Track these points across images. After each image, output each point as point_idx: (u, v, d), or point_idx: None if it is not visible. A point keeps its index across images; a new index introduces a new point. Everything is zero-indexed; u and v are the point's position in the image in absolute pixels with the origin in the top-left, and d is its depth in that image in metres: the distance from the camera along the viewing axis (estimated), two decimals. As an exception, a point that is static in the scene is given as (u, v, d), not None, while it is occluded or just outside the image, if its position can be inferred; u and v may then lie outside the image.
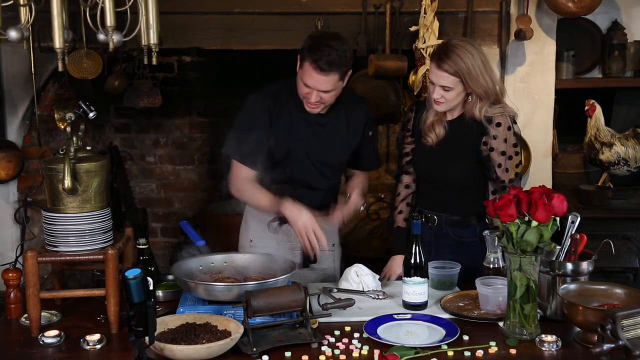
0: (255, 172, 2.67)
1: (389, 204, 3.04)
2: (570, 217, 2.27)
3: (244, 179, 2.68)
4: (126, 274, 1.78)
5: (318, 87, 2.52)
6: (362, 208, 2.75)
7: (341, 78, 2.54)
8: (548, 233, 2.05)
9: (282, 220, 2.67)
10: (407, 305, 2.33)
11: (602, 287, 2.17)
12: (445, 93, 2.53)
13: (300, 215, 2.55)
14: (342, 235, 4.79)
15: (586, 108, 3.65)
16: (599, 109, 3.64)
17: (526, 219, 2.05)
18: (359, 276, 2.53)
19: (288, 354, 2.00)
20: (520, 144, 2.67)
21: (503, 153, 2.58)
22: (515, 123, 2.62)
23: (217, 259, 2.51)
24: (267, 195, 2.64)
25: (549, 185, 3.59)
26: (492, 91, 2.55)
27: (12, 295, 2.33)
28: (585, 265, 2.23)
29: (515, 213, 2.04)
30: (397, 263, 2.72)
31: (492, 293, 2.27)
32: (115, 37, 2.13)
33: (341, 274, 2.61)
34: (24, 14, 2.15)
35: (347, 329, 2.18)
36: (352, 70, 3.79)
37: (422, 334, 2.13)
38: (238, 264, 2.50)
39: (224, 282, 2.33)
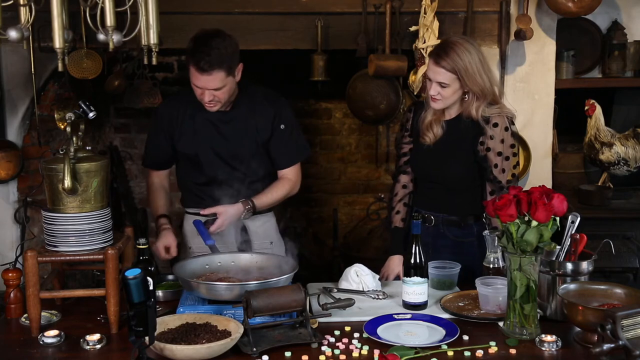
0: (161, 178, 2.94)
1: (387, 204, 3.04)
2: (570, 217, 2.27)
3: (150, 185, 2.95)
4: (126, 274, 1.78)
5: (207, 86, 2.58)
6: (242, 216, 2.71)
7: (228, 74, 2.58)
8: (548, 233, 2.05)
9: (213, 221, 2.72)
10: (407, 305, 2.33)
11: (602, 287, 2.17)
12: (441, 90, 2.54)
13: (160, 236, 2.77)
14: (342, 235, 4.84)
15: (586, 108, 3.65)
16: (599, 109, 3.63)
17: (526, 219, 2.05)
18: (359, 276, 2.53)
19: (288, 354, 2.00)
20: (518, 145, 2.67)
21: (499, 154, 2.58)
22: (513, 124, 2.62)
23: (225, 259, 2.52)
24: (156, 205, 2.90)
25: (549, 185, 3.59)
26: (488, 90, 2.55)
27: (12, 295, 2.33)
28: (585, 265, 2.23)
29: (515, 213, 2.04)
30: (394, 263, 2.72)
31: (492, 293, 2.27)
32: (115, 37, 2.13)
33: (341, 274, 2.61)
34: (24, 14, 2.15)
35: (347, 329, 2.18)
36: (352, 70, 3.86)
37: (422, 334, 2.13)
38: (245, 264, 2.50)
39: (225, 282, 2.33)
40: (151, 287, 1.80)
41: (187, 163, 2.83)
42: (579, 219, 2.27)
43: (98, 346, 2.07)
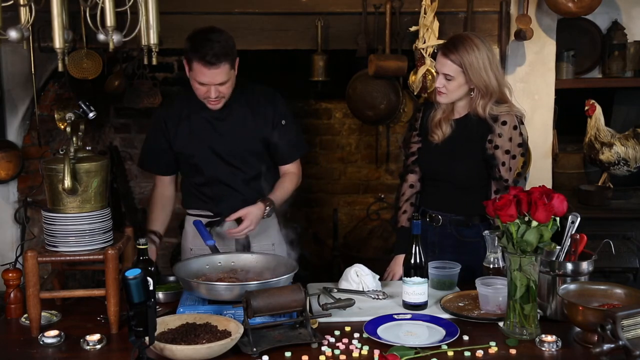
0: (164, 187, 2.89)
1: (392, 204, 3.04)
2: (570, 217, 2.27)
3: (151, 195, 2.94)
4: (126, 274, 1.78)
5: (213, 81, 2.57)
6: (265, 214, 2.69)
7: (232, 66, 2.60)
8: (548, 233, 2.05)
9: (217, 222, 2.78)
10: (407, 305, 2.33)
11: (602, 287, 2.17)
12: (447, 83, 2.56)
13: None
14: (342, 235, 4.84)
15: (586, 108, 3.65)
16: (599, 109, 3.64)
17: (526, 219, 2.05)
18: (359, 276, 2.53)
19: (288, 354, 2.00)
20: (526, 146, 2.68)
21: (507, 152, 2.59)
22: (522, 124, 2.63)
23: (224, 259, 2.52)
24: (149, 219, 2.90)
25: (549, 185, 3.59)
26: (494, 89, 2.56)
27: (12, 295, 2.33)
28: (585, 265, 2.23)
29: (515, 213, 2.04)
30: (400, 263, 2.72)
31: (492, 293, 2.27)
32: (115, 37, 2.13)
33: (341, 274, 2.61)
34: (24, 14, 2.15)
35: (347, 329, 2.19)
36: (352, 70, 3.86)
37: (422, 334, 2.13)
38: (245, 264, 2.50)
39: (225, 282, 2.33)
40: (151, 287, 1.80)
41: (186, 164, 2.82)
42: (579, 219, 2.27)
43: (98, 346, 2.07)
